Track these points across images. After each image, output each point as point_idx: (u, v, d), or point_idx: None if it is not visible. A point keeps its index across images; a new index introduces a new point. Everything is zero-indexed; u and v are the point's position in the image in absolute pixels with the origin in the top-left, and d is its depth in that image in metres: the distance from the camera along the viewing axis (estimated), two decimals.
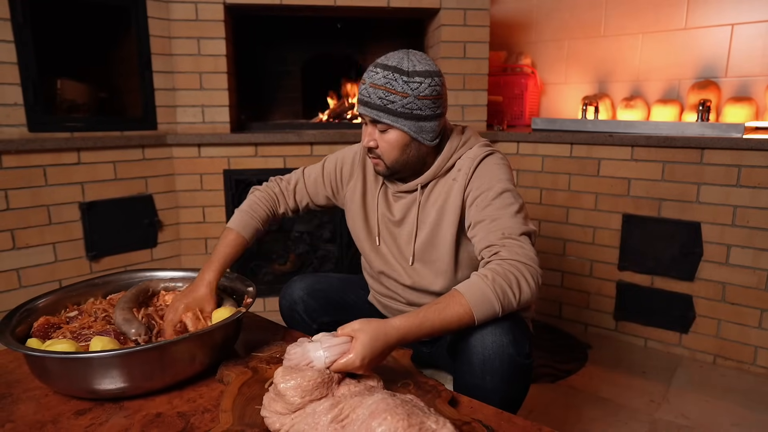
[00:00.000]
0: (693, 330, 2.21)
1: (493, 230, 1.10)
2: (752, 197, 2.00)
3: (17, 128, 2.04)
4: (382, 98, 1.12)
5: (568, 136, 2.41)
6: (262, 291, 2.60)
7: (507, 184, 1.16)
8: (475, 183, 1.17)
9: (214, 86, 2.47)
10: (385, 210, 1.30)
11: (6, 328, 1.01)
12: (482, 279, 1.01)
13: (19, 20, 1.97)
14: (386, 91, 1.12)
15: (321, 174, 1.41)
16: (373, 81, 1.14)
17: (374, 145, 1.18)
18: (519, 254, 1.04)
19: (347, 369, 0.89)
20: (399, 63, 1.14)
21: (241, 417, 0.88)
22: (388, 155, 1.18)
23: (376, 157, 1.20)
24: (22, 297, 1.99)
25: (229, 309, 1.15)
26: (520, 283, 1.02)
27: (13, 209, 2.02)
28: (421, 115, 1.14)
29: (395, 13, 2.67)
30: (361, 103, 1.16)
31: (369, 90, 1.14)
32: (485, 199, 1.15)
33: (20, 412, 0.94)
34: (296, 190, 1.42)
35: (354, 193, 1.35)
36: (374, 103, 1.13)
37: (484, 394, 1.02)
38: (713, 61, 2.52)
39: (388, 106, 1.12)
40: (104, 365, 0.93)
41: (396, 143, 1.16)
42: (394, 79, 1.12)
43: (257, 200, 1.37)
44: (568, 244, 2.50)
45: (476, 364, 1.02)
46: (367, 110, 1.15)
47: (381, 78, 1.13)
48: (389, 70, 1.13)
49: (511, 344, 1.01)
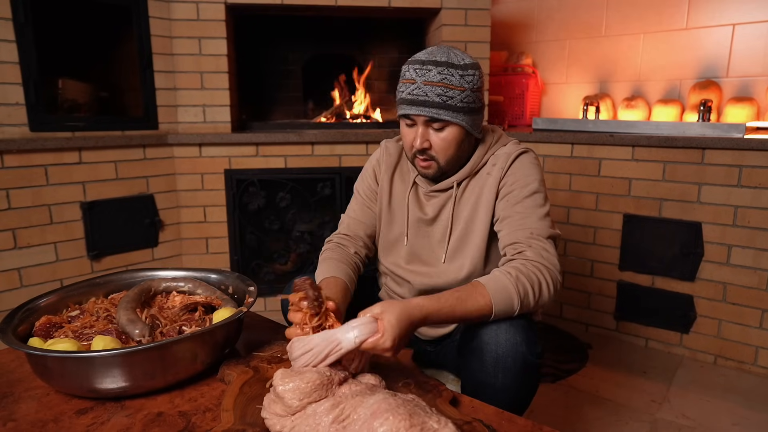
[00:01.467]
0: (694, 330, 2.21)
1: (521, 228, 1.10)
2: (753, 197, 2.00)
3: (19, 128, 2.04)
4: (440, 95, 1.09)
5: (569, 136, 2.41)
6: (263, 291, 2.60)
7: (539, 185, 1.16)
8: (510, 178, 1.17)
9: (215, 86, 2.48)
10: (416, 210, 1.28)
11: (8, 328, 1.01)
12: (506, 276, 1.02)
13: (20, 20, 1.98)
14: (445, 87, 1.09)
15: (361, 199, 1.37)
16: (428, 79, 1.10)
17: (428, 145, 1.15)
18: (544, 257, 1.05)
19: (377, 349, 0.89)
20: (448, 58, 1.11)
21: (242, 416, 0.88)
22: (444, 154, 1.15)
23: (429, 158, 1.16)
24: (24, 296, 1.99)
25: (230, 309, 1.15)
26: (541, 286, 1.03)
27: (15, 209, 2.02)
28: (474, 108, 1.14)
29: (396, 13, 2.67)
30: (414, 104, 1.11)
31: (425, 88, 1.10)
32: (517, 196, 1.14)
33: (22, 411, 0.94)
34: (354, 229, 1.34)
35: (381, 199, 1.32)
36: (433, 101, 1.09)
37: (494, 393, 1.02)
38: (714, 61, 2.52)
39: (447, 102, 1.10)
40: (106, 364, 0.93)
41: (453, 140, 1.14)
42: (450, 74, 1.10)
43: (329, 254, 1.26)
44: (569, 244, 2.50)
45: (489, 362, 1.02)
46: (423, 110, 1.10)
47: (436, 74, 1.09)
48: (443, 66, 1.10)
49: (524, 343, 1.01)
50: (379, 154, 1.36)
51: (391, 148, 1.35)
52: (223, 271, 1.33)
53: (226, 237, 2.57)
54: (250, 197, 2.57)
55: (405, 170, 1.33)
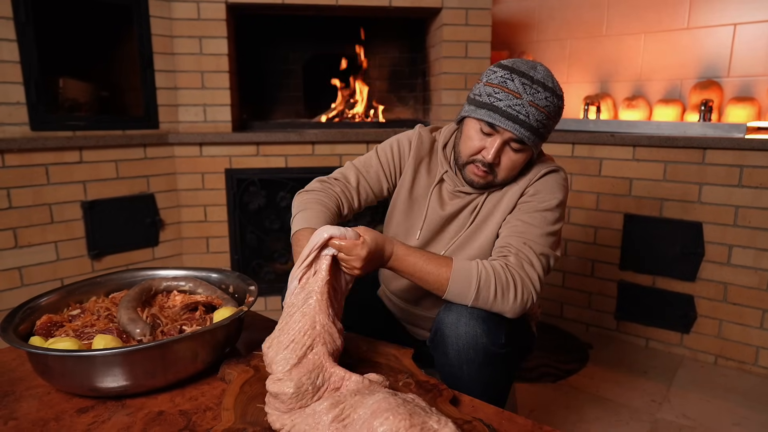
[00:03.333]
0: (694, 330, 2.21)
1: (519, 235, 1.10)
2: (754, 197, 2.00)
3: (20, 127, 2.04)
4: (539, 121, 1.07)
5: (569, 136, 2.41)
6: (263, 290, 2.57)
7: (558, 204, 1.15)
8: (532, 189, 1.16)
9: (215, 85, 2.48)
10: (437, 206, 1.26)
11: (9, 326, 1.01)
12: (477, 265, 1.04)
13: (21, 19, 1.98)
14: (547, 115, 1.07)
15: (379, 163, 1.30)
16: (535, 101, 1.06)
17: (498, 161, 1.13)
18: (524, 269, 1.06)
19: (351, 254, 0.95)
20: (554, 85, 1.09)
21: (242, 415, 0.88)
22: (508, 173, 1.14)
23: (490, 172, 1.14)
24: (24, 295, 2.00)
25: (230, 308, 1.15)
26: (508, 291, 1.03)
27: (16, 208, 2.02)
28: (545, 136, 1.13)
29: (397, 13, 2.67)
30: (511, 119, 1.06)
31: (529, 109, 1.06)
32: (531, 207, 1.14)
33: (23, 410, 0.94)
34: (359, 188, 1.29)
35: (403, 184, 1.29)
36: (530, 124, 1.06)
37: (466, 384, 1.04)
38: (715, 61, 2.52)
39: (540, 129, 1.08)
40: (107, 363, 0.93)
41: (521, 162, 1.13)
42: (552, 103, 1.08)
43: (320, 197, 1.21)
44: (570, 244, 2.50)
45: (452, 355, 1.04)
46: (519, 129, 1.06)
47: (543, 99, 1.06)
48: (549, 92, 1.07)
49: (485, 334, 1.02)
50: (412, 137, 1.31)
51: (424, 136, 1.30)
52: (224, 270, 1.33)
53: (227, 236, 2.57)
54: (250, 197, 2.57)
55: (434, 163, 1.29)
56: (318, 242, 0.95)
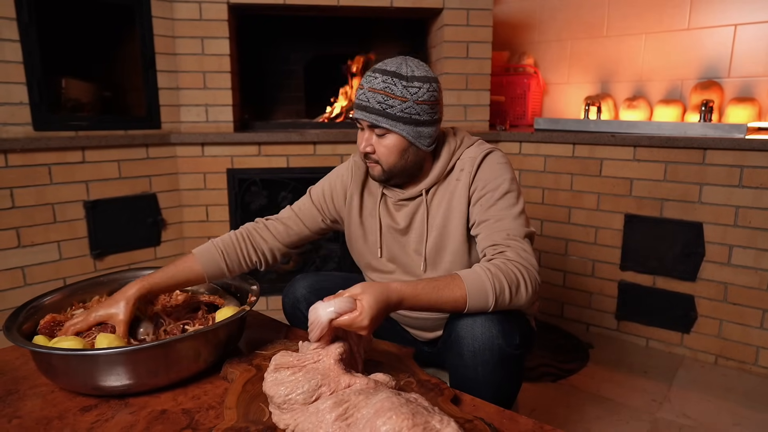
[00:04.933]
0: (695, 330, 2.21)
1: (498, 230, 1.12)
2: (754, 198, 2.00)
3: (22, 127, 2.05)
4: (380, 102, 1.12)
5: (570, 136, 2.41)
6: (264, 290, 2.59)
7: (510, 184, 1.17)
8: (480, 182, 1.18)
9: (217, 85, 2.48)
10: (388, 220, 1.29)
11: (12, 325, 1.02)
12: (485, 272, 1.03)
13: (24, 20, 1.98)
14: (385, 95, 1.12)
15: (312, 204, 1.36)
16: (372, 85, 1.13)
17: (371, 150, 1.18)
18: (523, 257, 1.07)
19: (354, 326, 0.92)
20: (398, 68, 1.14)
21: (245, 414, 0.89)
22: (386, 160, 1.17)
23: (374, 161, 1.19)
24: (27, 295, 2.00)
25: (232, 308, 1.16)
26: (519, 285, 1.04)
27: (18, 207, 2.03)
28: (419, 120, 1.14)
29: (398, 13, 2.67)
30: (359, 108, 1.15)
31: (368, 94, 1.13)
32: (490, 199, 1.16)
33: (27, 408, 0.95)
34: (287, 221, 1.34)
35: (351, 213, 1.33)
36: (373, 107, 1.13)
37: (477, 386, 1.04)
38: (716, 61, 2.52)
39: (387, 110, 1.12)
40: (110, 362, 0.94)
41: (394, 148, 1.16)
42: (393, 84, 1.12)
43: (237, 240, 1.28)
44: (570, 244, 2.50)
45: (467, 356, 1.04)
46: (364, 114, 1.14)
47: (380, 82, 1.12)
48: (388, 75, 1.13)
49: (501, 335, 1.03)
50: (346, 168, 1.36)
51: (359, 162, 1.33)
52: None
53: None
54: (252, 197, 2.58)
55: (373, 183, 1.32)
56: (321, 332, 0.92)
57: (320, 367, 0.89)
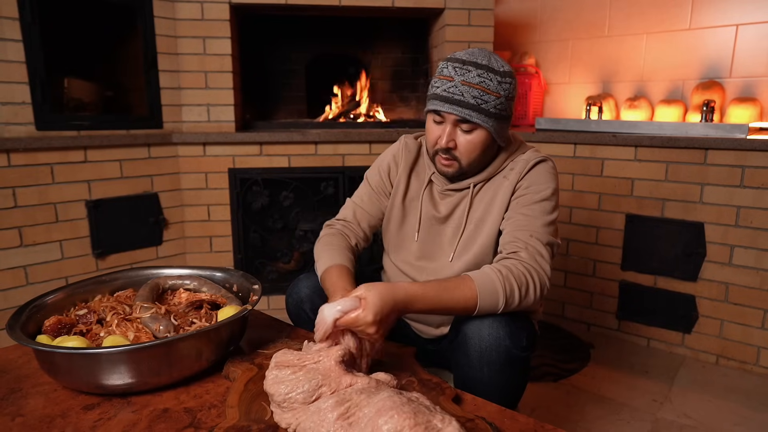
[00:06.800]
0: (696, 330, 2.21)
1: (523, 228, 1.12)
2: (756, 198, 2.00)
3: (25, 126, 2.05)
4: (476, 97, 1.10)
5: (571, 136, 2.41)
6: (266, 289, 2.61)
7: (552, 193, 1.17)
8: (525, 183, 1.18)
9: (219, 85, 2.49)
10: (430, 207, 1.29)
11: (16, 324, 1.02)
12: (496, 273, 1.04)
13: (27, 20, 1.99)
14: (481, 90, 1.10)
15: (371, 190, 1.37)
16: (466, 79, 1.10)
17: (453, 145, 1.16)
18: (537, 261, 1.07)
19: (359, 323, 0.92)
20: (489, 62, 1.12)
21: (247, 413, 0.89)
22: (468, 156, 1.16)
23: (452, 158, 1.17)
24: (29, 294, 2.01)
25: (234, 307, 1.16)
26: (528, 288, 1.05)
27: (21, 207, 2.04)
28: (505, 116, 1.15)
29: (400, 13, 2.67)
30: (449, 102, 1.11)
31: (461, 88, 1.10)
32: (528, 200, 1.16)
33: (30, 407, 0.95)
34: (358, 219, 1.36)
35: (396, 193, 1.33)
36: (467, 102, 1.10)
37: (483, 387, 1.04)
38: (717, 61, 2.52)
39: (481, 105, 1.10)
40: (112, 361, 0.94)
41: (479, 143, 1.15)
42: (489, 79, 1.11)
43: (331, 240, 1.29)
44: (572, 244, 2.50)
45: (474, 357, 1.04)
46: (456, 109, 1.11)
47: (475, 77, 1.10)
48: (482, 69, 1.11)
49: (508, 336, 1.03)
50: (397, 149, 1.36)
51: (410, 144, 1.35)
52: (228, 269, 1.34)
53: (230, 236, 2.58)
54: (253, 196, 2.58)
55: (422, 167, 1.33)
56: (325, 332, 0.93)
57: (320, 368, 0.90)
